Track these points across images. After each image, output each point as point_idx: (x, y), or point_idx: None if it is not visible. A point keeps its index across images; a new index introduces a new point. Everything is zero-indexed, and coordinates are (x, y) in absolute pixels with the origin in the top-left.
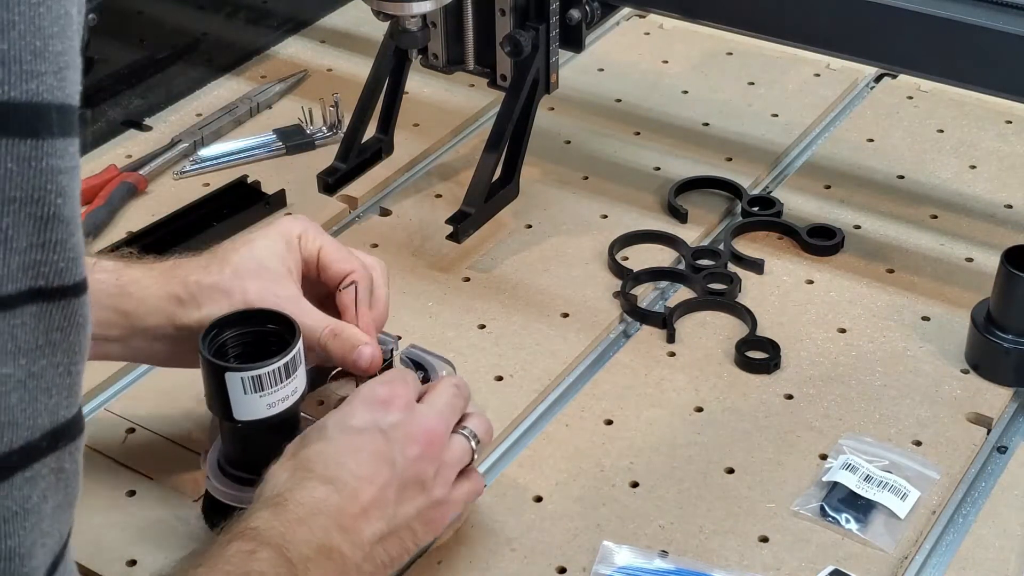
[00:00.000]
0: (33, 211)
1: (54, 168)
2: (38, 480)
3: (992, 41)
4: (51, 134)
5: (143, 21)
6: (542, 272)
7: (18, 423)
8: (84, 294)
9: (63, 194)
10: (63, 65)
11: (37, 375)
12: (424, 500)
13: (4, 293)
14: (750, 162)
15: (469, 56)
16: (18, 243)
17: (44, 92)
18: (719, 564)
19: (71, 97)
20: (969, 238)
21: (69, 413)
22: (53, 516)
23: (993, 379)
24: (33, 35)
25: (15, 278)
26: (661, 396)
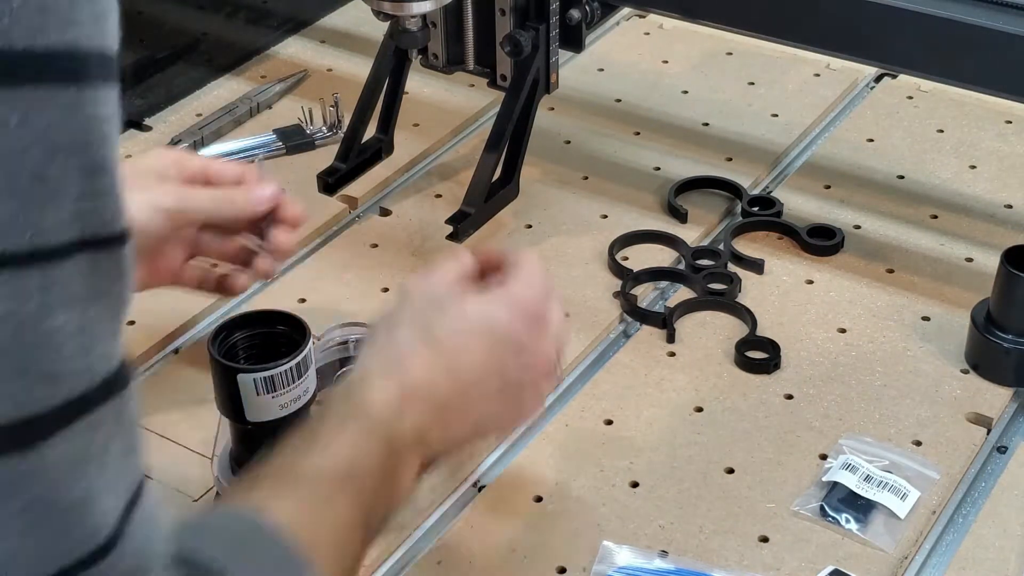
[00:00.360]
0: (79, 160)
1: (98, 116)
2: (99, 427)
3: (992, 41)
4: (92, 81)
5: (143, 21)
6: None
7: (77, 372)
8: (128, 243)
9: (106, 143)
10: (100, 12)
11: (89, 324)
12: (510, 413)
13: (56, 243)
14: (750, 162)
15: (469, 56)
16: (67, 192)
17: (83, 39)
18: (719, 564)
19: (110, 44)
20: (969, 238)
21: (118, 362)
22: (119, 463)
23: (993, 379)
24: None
25: (66, 228)
26: (661, 396)
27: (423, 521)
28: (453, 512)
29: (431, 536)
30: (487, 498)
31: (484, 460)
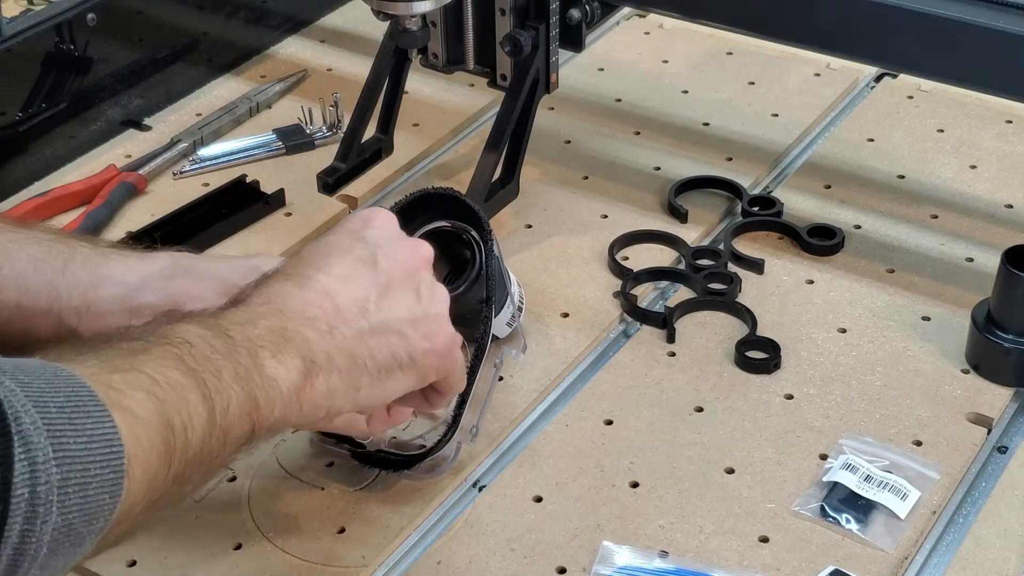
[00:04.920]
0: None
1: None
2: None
3: (992, 41)
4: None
5: (143, 21)
6: (542, 272)
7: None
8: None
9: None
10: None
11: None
12: (418, 309)
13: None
14: (750, 162)
15: (469, 56)
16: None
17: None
18: (719, 564)
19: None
20: (969, 238)
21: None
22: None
23: (993, 379)
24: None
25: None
26: (661, 396)
27: (423, 521)
28: (453, 512)
29: (431, 536)
30: (487, 498)
31: (484, 460)
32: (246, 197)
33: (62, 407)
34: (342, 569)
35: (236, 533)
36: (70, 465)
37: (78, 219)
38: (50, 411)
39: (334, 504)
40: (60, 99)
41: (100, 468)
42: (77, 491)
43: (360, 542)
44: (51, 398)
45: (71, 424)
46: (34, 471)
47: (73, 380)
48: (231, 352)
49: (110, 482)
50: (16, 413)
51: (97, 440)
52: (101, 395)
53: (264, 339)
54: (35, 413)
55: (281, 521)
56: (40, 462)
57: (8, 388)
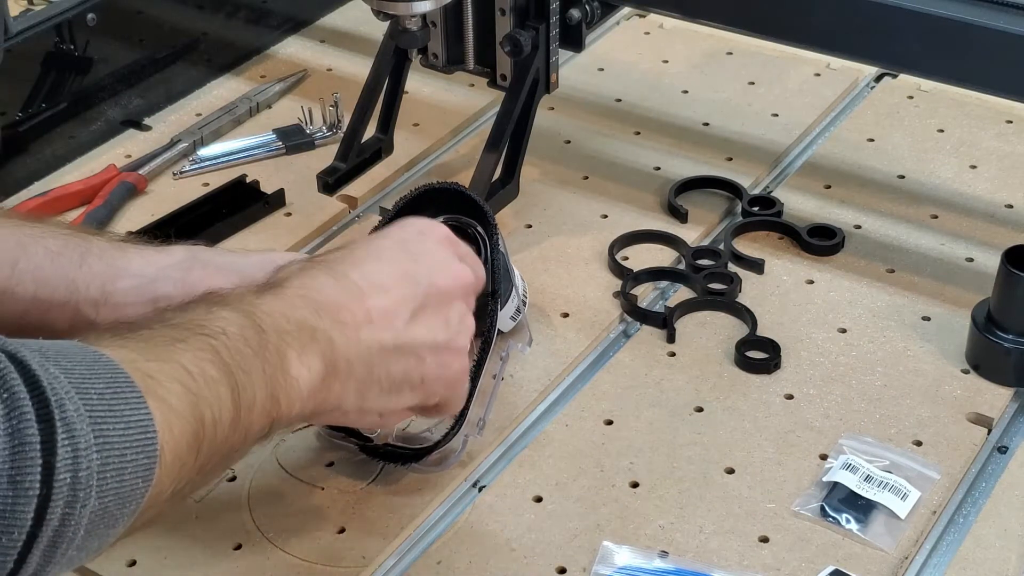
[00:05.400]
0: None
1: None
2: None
3: (992, 41)
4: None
5: (143, 21)
6: (542, 272)
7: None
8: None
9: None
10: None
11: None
12: (443, 337)
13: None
14: (750, 162)
15: (469, 56)
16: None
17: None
18: (719, 564)
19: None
20: (969, 238)
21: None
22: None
23: (993, 379)
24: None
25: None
26: (661, 396)
27: (423, 521)
28: (453, 512)
29: (431, 536)
30: (487, 498)
31: (484, 460)
32: (246, 197)
33: (102, 393)
34: (342, 569)
35: (236, 533)
36: (109, 451)
37: (78, 219)
38: (91, 398)
39: (334, 504)
40: (60, 99)
41: (136, 454)
42: (114, 476)
43: (360, 542)
44: (92, 384)
45: (111, 410)
46: (76, 457)
47: (113, 367)
48: (262, 347)
49: (144, 467)
50: (60, 400)
51: (134, 426)
52: (138, 383)
53: (293, 336)
54: (78, 400)
55: (281, 521)
56: (82, 448)
57: (52, 375)
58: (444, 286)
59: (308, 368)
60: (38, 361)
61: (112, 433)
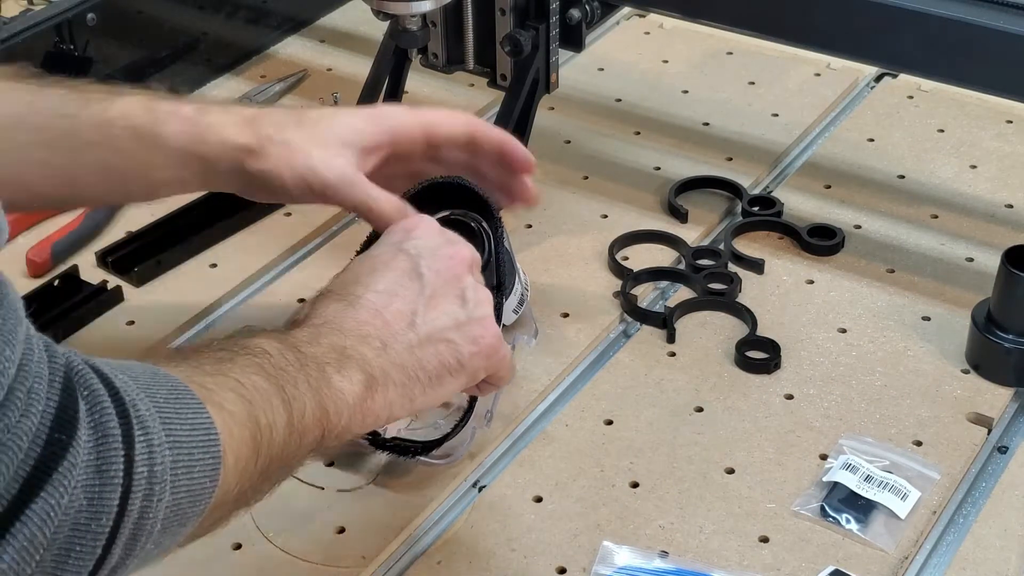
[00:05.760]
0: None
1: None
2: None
3: (992, 41)
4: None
5: (143, 21)
6: (542, 272)
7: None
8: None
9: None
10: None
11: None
12: (462, 313)
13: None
14: (750, 162)
15: (469, 56)
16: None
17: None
18: (719, 564)
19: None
20: (969, 238)
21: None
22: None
23: (994, 379)
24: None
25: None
26: (661, 396)
27: (423, 521)
28: (453, 512)
29: (431, 536)
30: (487, 498)
31: (484, 460)
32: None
33: (167, 398)
34: (342, 569)
35: (236, 533)
36: (179, 449)
37: (78, 219)
38: (159, 401)
39: (334, 504)
40: None
41: (202, 453)
42: (185, 473)
43: (360, 542)
44: (157, 391)
45: (176, 413)
46: (151, 452)
47: (172, 378)
48: (303, 365)
49: (210, 467)
50: (133, 400)
51: (198, 428)
52: (197, 392)
53: (328, 356)
54: (148, 401)
55: (281, 521)
56: (156, 444)
57: (123, 380)
58: (445, 268)
59: (349, 380)
60: (107, 366)
61: (180, 432)
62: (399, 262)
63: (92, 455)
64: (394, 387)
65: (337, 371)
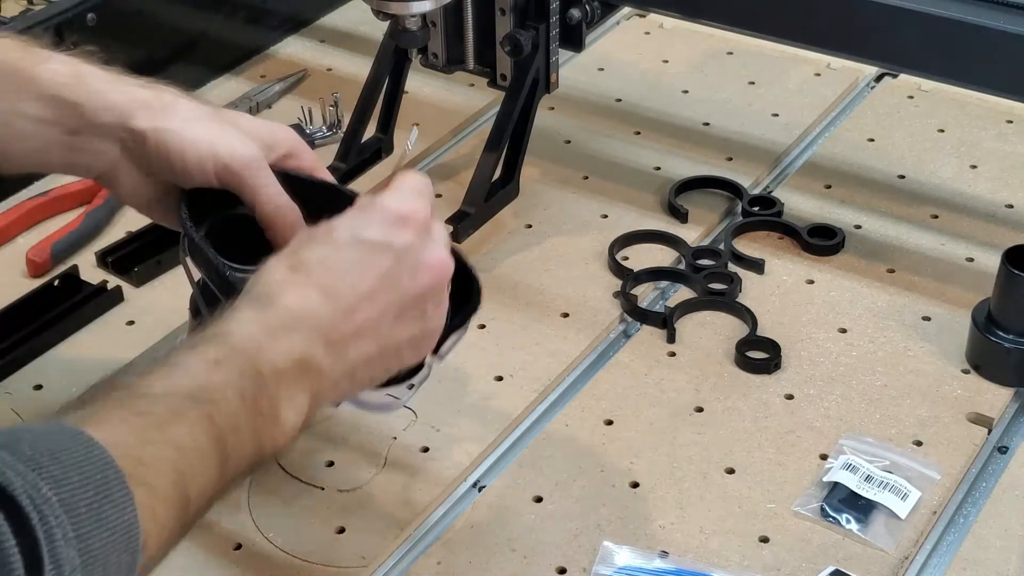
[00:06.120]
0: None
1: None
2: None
3: (992, 41)
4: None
5: (143, 21)
6: (542, 272)
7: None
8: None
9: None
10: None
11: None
12: (420, 328)
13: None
14: (750, 162)
15: (469, 56)
16: None
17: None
18: (719, 564)
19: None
20: (970, 238)
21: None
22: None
23: (994, 379)
24: None
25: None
26: (661, 396)
27: (423, 521)
28: (453, 512)
29: (431, 536)
30: (487, 498)
31: (484, 460)
32: None
33: (91, 504)
34: (342, 569)
35: (236, 533)
36: (94, 564)
37: (78, 219)
38: (80, 513)
39: (334, 504)
40: None
41: (120, 554)
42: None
43: (360, 542)
44: (82, 495)
45: (98, 521)
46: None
47: (104, 464)
48: (256, 402)
49: (127, 564)
50: (50, 530)
51: (119, 531)
52: (128, 471)
53: (288, 376)
54: (67, 522)
55: (281, 521)
56: (67, 573)
57: (43, 498)
58: (424, 284)
59: (295, 411)
60: (30, 481)
61: (96, 545)
62: (383, 264)
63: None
64: (334, 392)
65: (288, 400)
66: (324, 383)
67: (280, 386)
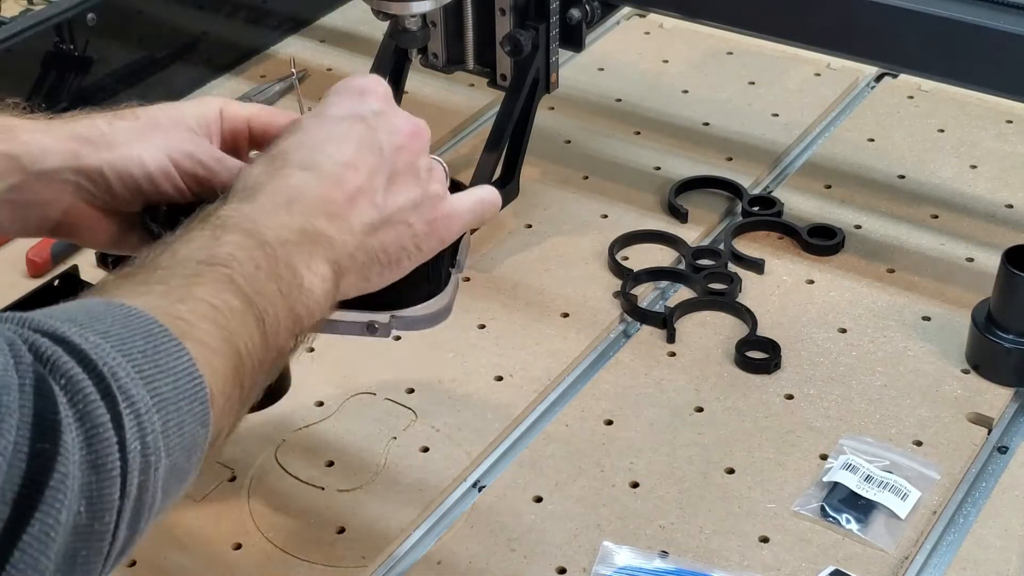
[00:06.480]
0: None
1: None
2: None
3: (992, 41)
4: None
5: (143, 21)
6: (542, 272)
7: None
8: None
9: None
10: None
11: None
12: (418, 192)
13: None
14: (750, 162)
15: (469, 55)
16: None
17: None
18: (719, 564)
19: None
20: (969, 238)
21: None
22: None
23: (994, 379)
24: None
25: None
26: (661, 396)
27: (423, 521)
28: (453, 512)
29: (431, 536)
30: (487, 498)
31: (484, 460)
32: None
33: (144, 351)
34: (342, 569)
35: (236, 533)
36: (166, 408)
37: None
38: (136, 358)
39: (334, 504)
40: (60, 99)
41: (190, 403)
42: (176, 431)
43: (360, 542)
44: (133, 344)
45: (157, 367)
46: (140, 423)
47: (146, 319)
48: (272, 267)
49: (200, 415)
50: (112, 370)
51: (183, 377)
52: (173, 330)
53: (296, 245)
54: (127, 364)
55: (281, 521)
56: (143, 413)
57: (94, 343)
58: (405, 145)
59: (319, 277)
60: (78, 333)
61: (164, 389)
62: (357, 131)
63: (84, 452)
64: (355, 272)
65: (307, 266)
66: (339, 253)
67: (291, 253)
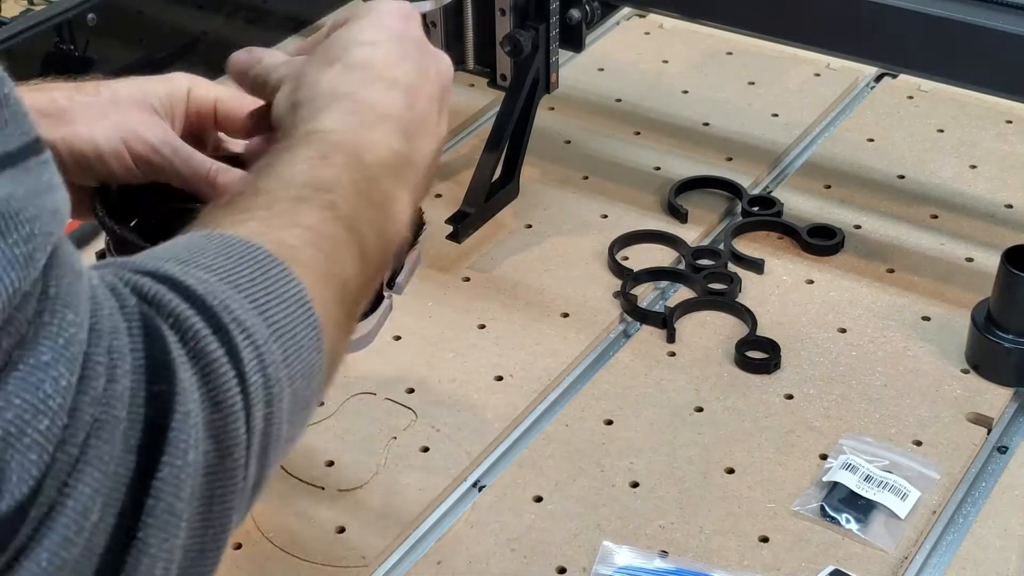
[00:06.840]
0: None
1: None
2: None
3: (992, 41)
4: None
5: (143, 21)
6: (542, 272)
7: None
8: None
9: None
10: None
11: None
12: (441, 129)
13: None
14: (750, 162)
15: (469, 56)
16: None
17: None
18: (719, 564)
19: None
20: (969, 238)
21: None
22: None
23: (993, 379)
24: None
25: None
26: (661, 396)
27: (423, 521)
28: (453, 512)
29: (431, 536)
30: (487, 498)
31: (484, 460)
32: None
33: (253, 278)
34: (342, 569)
35: (236, 533)
36: (283, 336)
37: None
38: (246, 288)
39: (334, 504)
40: None
41: (304, 328)
42: (295, 358)
43: (360, 542)
44: (240, 274)
45: (268, 293)
46: (260, 355)
47: (250, 247)
48: (372, 194)
49: (314, 339)
50: (223, 303)
51: (293, 303)
52: (279, 255)
53: (393, 169)
54: (238, 295)
55: (281, 521)
56: (261, 344)
57: (199, 278)
58: (447, 76)
59: (403, 204)
60: (181, 270)
61: (279, 316)
62: (414, 53)
63: (203, 391)
64: (422, 193)
65: (399, 195)
66: (417, 178)
67: (385, 177)
